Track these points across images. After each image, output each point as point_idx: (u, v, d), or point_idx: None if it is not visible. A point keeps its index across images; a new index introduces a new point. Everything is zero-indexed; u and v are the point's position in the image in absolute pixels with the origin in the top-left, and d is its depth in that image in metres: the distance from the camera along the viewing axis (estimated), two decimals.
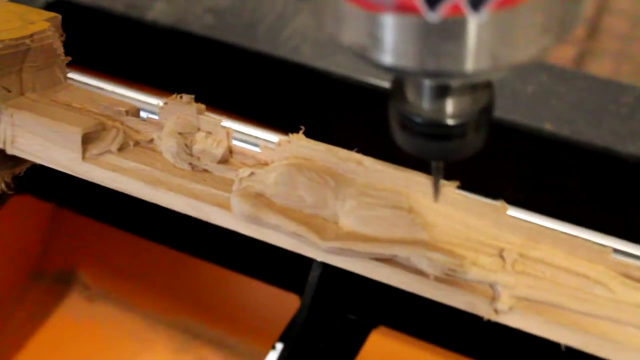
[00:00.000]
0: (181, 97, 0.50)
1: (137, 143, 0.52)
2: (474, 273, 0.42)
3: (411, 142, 0.36)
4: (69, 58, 0.57)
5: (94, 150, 0.51)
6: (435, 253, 0.43)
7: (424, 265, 0.43)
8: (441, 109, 0.34)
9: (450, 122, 0.34)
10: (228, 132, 0.49)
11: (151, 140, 0.52)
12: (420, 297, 0.45)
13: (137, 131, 0.52)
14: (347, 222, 0.45)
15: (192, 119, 0.50)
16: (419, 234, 0.44)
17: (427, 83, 0.33)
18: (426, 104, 0.34)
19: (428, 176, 0.45)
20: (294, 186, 0.46)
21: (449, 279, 0.43)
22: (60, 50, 0.56)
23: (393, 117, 0.35)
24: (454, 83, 0.33)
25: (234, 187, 0.48)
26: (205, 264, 0.76)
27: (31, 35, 0.53)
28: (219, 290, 0.86)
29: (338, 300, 0.61)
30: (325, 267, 0.57)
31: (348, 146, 0.47)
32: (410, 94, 0.34)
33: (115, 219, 0.81)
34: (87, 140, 0.51)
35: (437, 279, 0.43)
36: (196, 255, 0.76)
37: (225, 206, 0.48)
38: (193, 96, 0.50)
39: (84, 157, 0.51)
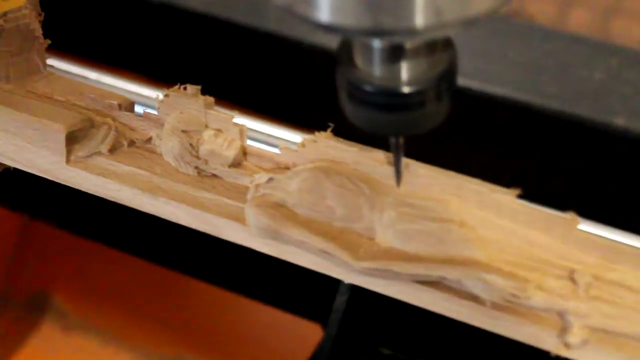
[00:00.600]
0: (185, 89, 0.50)
1: (132, 143, 0.52)
2: (539, 299, 0.42)
3: (362, 115, 0.37)
4: (49, 41, 0.58)
5: (80, 151, 0.52)
6: (492, 275, 0.43)
7: (478, 290, 0.43)
8: (394, 75, 0.34)
9: (405, 90, 0.34)
10: (242, 130, 0.50)
11: (149, 140, 0.52)
12: (471, 328, 0.45)
13: (132, 129, 0.52)
14: (385, 237, 0.46)
15: (198, 115, 0.50)
16: (472, 252, 0.44)
17: (377, 45, 0.34)
18: (377, 70, 0.34)
19: (483, 183, 0.45)
20: (321, 194, 0.46)
21: (508, 306, 0.43)
22: (39, 32, 0.57)
23: (341, 85, 0.36)
24: (400, 42, 0.33)
25: (249, 196, 0.48)
26: (208, 286, 0.77)
27: (4, 15, 0.54)
28: (224, 318, 0.86)
29: (368, 331, 0.61)
30: (354, 290, 0.57)
31: (384, 147, 0.47)
32: (359, 59, 0.35)
33: (98, 232, 0.82)
34: (73, 139, 0.51)
35: (495, 306, 0.43)
36: (197, 276, 0.77)
37: (238, 218, 0.48)
38: (199, 87, 0.50)
39: (68, 160, 0.51)
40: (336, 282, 0.57)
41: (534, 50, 0.72)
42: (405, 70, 0.35)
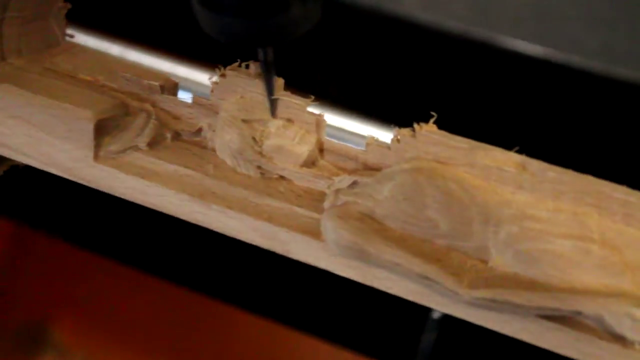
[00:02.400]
0: (247, 67, 0.50)
1: (177, 135, 0.53)
2: None
3: (221, 23, 0.40)
4: (69, 5, 0.58)
5: (112, 145, 0.52)
6: None
7: (625, 329, 0.43)
8: None
9: None
10: (319, 121, 0.50)
11: (199, 131, 0.52)
12: None
13: (177, 117, 0.53)
14: (503, 259, 0.46)
15: (263, 100, 0.50)
16: (617, 280, 0.44)
17: None
18: None
19: (632, 191, 0.45)
20: (421, 204, 0.46)
21: None
22: None
23: None
24: None
25: (327, 204, 0.48)
26: (246, 315, 0.77)
27: None
28: (265, 354, 0.86)
29: None
30: (445, 327, 0.57)
31: (503, 144, 0.47)
32: None
33: (106, 245, 0.82)
34: (102, 130, 0.52)
35: None
36: (230, 301, 0.77)
37: (312, 233, 0.48)
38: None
39: (96, 156, 0.52)
40: (423, 317, 0.56)
41: None
42: None
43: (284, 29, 0.41)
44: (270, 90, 0.47)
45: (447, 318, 0.48)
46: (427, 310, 0.49)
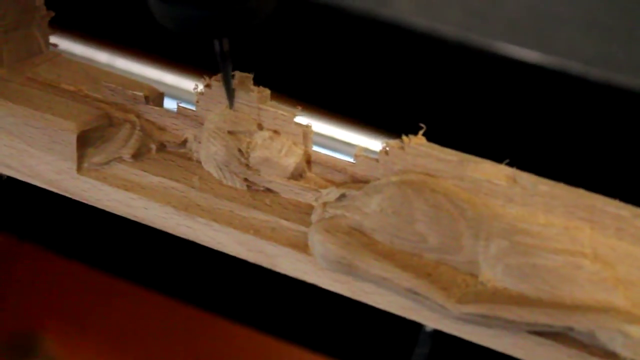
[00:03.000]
0: (233, 77, 0.50)
1: (162, 147, 0.53)
2: None
3: (176, 14, 0.41)
4: (52, 13, 0.58)
5: (95, 157, 0.52)
6: (635, 327, 0.42)
7: (617, 345, 0.42)
8: None
9: None
10: (306, 132, 0.49)
11: (184, 143, 0.52)
12: None
13: (162, 128, 0.53)
14: (493, 274, 0.45)
15: (250, 111, 0.50)
16: (608, 296, 0.43)
17: None
18: None
19: (624, 205, 0.44)
20: (410, 217, 0.46)
21: None
22: (40, 1, 0.57)
23: None
24: None
25: (315, 217, 0.48)
26: (236, 326, 0.77)
27: None
28: None
29: None
30: (438, 341, 0.57)
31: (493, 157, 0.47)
32: None
33: (96, 256, 0.82)
34: (86, 141, 0.52)
35: None
36: (227, 315, 0.77)
37: (299, 246, 0.48)
38: (251, 75, 0.50)
39: (80, 168, 0.52)
40: (415, 332, 0.56)
41: None
42: None
43: (239, 19, 0.42)
44: (227, 81, 0.47)
45: (440, 332, 0.48)
46: (420, 324, 0.49)
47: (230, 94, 0.48)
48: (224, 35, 0.45)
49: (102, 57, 0.65)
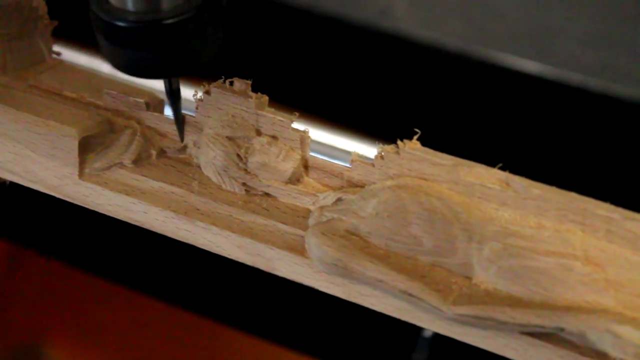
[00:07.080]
0: (231, 84, 0.51)
1: (162, 152, 0.53)
2: None
3: (124, 57, 0.43)
4: (56, 23, 0.59)
5: (96, 162, 0.53)
6: (625, 327, 0.43)
7: (607, 345, 0.43)
8: (149, 7, 0.41)
9: (163, 22, 0.41)
10: (303, 138, 0.50)
11: (184, 149, 0.53)
12: None
13: (162, 134, 0.53)
14: (486, 276, 0.46)
15: (248, 117, 0.51)
16: (599, 297, 0.44)
17: None
18: (131, 4, 0.41)
19: (615, 208, 0.45)
20: (405, 221, 0.47)
21: None
22: (43, 10, 0.58)
23: (96, 26, 0.42)
24: None
25: (312, 221, 0.49)
26: (235, 331, 0.76)
27: None
28: None
29: None
30: (437, 345, 0.57)
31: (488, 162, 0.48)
32: None
33: (101, 264, 0.82)
34: (87, 147, 0.52)
35: None
36: (227, 320, 0.77)
37: (297, 249, 0.49)
38: (250, 82, 0.51)
39: (81, 174, 0.52)
40: (415, 335, 0.56)
41: None
42: (162, 1, 0.41)
43: (185, 60, 0.43)
44: (177, 117, 0.49)
45: (438, 337, 0.48)
46: (419, 329, 0.49)
47: (181, 128, 0.50)
48: (170, 76, 0.46)
49: (104, 65, 0.66)
